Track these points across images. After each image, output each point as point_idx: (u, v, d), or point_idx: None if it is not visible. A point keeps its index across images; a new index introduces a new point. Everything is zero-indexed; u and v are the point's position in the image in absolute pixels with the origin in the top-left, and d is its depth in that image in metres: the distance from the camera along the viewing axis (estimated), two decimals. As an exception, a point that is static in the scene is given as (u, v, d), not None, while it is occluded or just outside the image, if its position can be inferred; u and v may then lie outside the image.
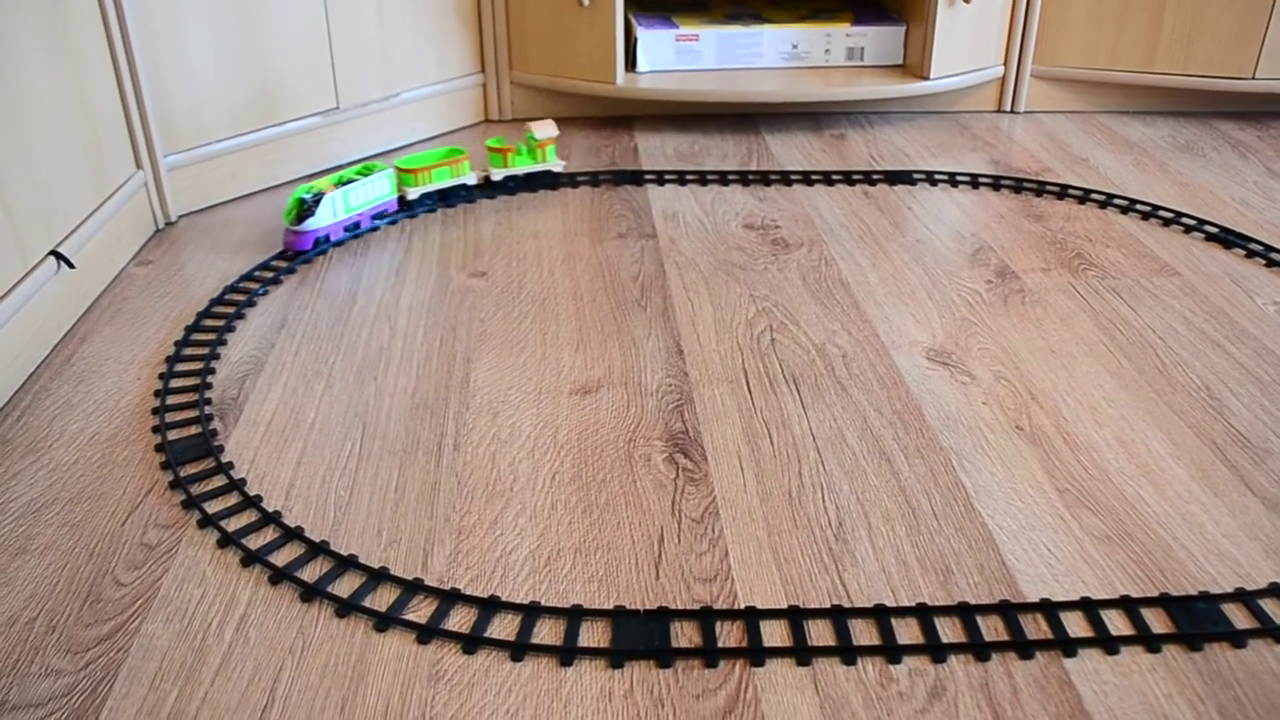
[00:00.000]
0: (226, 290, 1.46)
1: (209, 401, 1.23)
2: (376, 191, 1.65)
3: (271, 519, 1.03)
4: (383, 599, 0.94)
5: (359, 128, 1.93)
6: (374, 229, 1.66)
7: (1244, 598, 0.95)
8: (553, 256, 1.58)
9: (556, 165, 1.85)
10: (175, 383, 1.26)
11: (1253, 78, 2.14)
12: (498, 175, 1.80)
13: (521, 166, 1.82)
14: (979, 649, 0.89)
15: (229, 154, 1.75)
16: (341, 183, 1.61)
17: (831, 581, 0.96)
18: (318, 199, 1.55)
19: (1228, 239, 1.66)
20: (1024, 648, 0.89)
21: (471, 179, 1.77)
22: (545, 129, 1.81)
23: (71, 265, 1.38)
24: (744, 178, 1.86)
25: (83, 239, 1.43)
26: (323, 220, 1.56)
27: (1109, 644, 0.90)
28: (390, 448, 1.14)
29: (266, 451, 1.14)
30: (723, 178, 1.86)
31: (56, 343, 1.35)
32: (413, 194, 1.70)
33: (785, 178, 1.87)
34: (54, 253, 1.36)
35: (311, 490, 1.08)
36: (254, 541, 1.01)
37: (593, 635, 0.90)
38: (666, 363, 1.30)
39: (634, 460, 1.12)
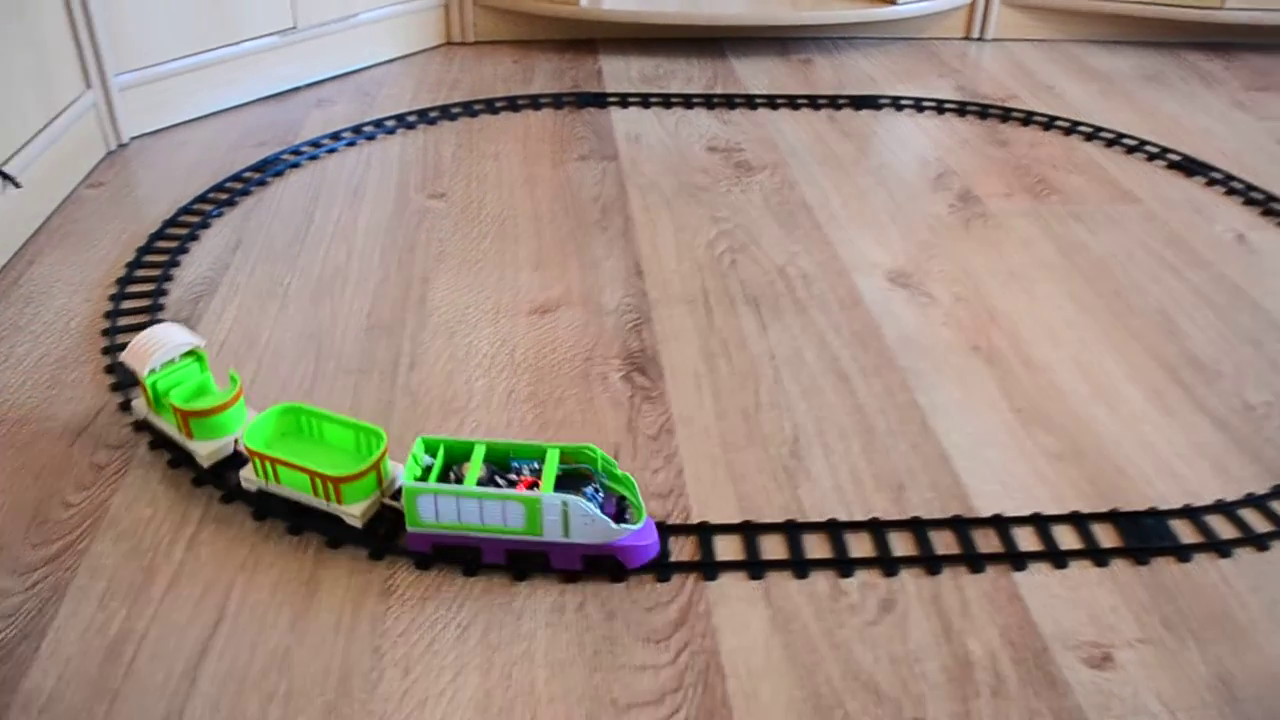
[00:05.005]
0: (180, 211, 1.44)
1: (161, 323, 1.21)
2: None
3: (224, 438, 1.02)
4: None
5: (317, 49, 1.89)
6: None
7: (1191, 514, 0.96)
8: (513, 178, 1.55)
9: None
10: (126, 304, 1.24)
11: (1221, 8, 2.12)
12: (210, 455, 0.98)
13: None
14: (930, 562, 0.90)
15: (183, 74, 1.71)
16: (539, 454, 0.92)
17: (786, 498, 0.96)
18: (604, 486, 0.91)
19: (1189, 167, 1.66)
20: (975, 561, 0.90)
21: None
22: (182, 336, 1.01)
23: (17, 185, 1.35)
24: (708, 101, 1.84)
25: (29, 158, 1.39)
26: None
27: (1058, 558, 0.91)
28: (345, 367, 1.13)
29: (220, 373, 1.12)
30: (687, 101, 1.84)
31: (3, 265, 1.32)
32: None
33: (750, 101, 1.84)
34: (-1, 171, 1.32)
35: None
36: (206, 460, 1.00)
37: (546, 550, 0.90)
38: (626, 283, 1.29)
39: (591, 378, 1.12)
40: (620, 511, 0.88)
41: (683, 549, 0.90)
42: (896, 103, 1.87)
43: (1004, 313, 1.26)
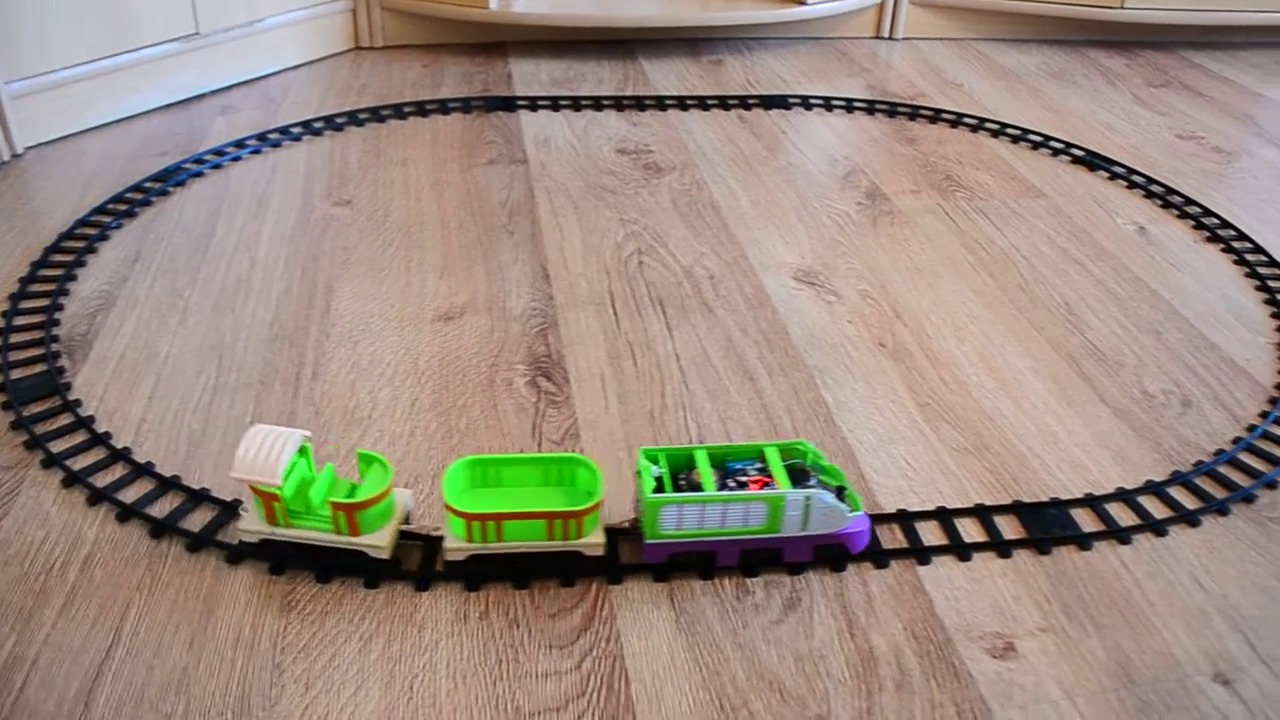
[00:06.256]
0: (77, 224, 1.40)
1: (56, 339, 1.17)
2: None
3: (120, 455, 1.00)
4: (235, 532, 0.92)
5: (220, 55, 1.86)
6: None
7: (1092, 503, 0.98)
8: (420, 183, 1.54)
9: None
10: (19, 320, 1.20)
11: (1122, 7, 2.17)
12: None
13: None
14: (834, 559, 0.90)
15: (80, 81, 1.67)
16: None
17: (692, 499, 0.96)
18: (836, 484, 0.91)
19: (1093, 162, 1.69)
20: (879, 557, 0.91)
21: None
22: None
23: (-96, 198, 1.31)
24: (618, 103, 1.84)
25: (-84, 171, 1.35)
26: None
27: (962, 551, 0.92)
28: (247, 379, 1.11)
29: (117, 388, 1.10)
30: (597, 103, 1.84)
31: (-110, 280, 1.28)
32: None
33: (660, 103, 1.85)
34: (-116, 185, 1.28)
35: (164, 425, 1.04)
36: (101, 479, 0.97)
37: (449, 560, 0.89)
38: (532, 287, 1.28)
39: (496, 385, 1.11)
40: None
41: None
42: (806, 102, 1.88)
43: (910, 309, 1.27)
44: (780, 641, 0.83)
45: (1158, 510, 0.98)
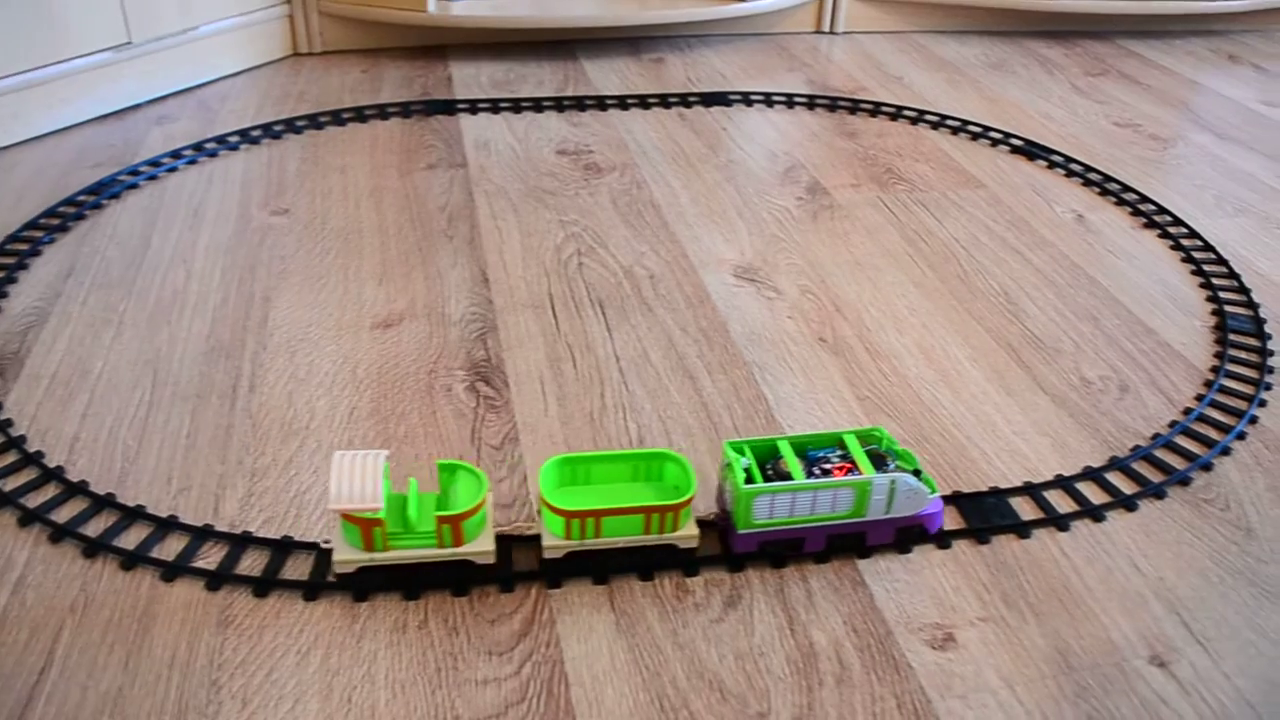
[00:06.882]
0: (8, 239, 1.38)
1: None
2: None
3: (53, 475, 0.98)
4: (171, 548, 0.90)
5: (155, 64, 1.83)
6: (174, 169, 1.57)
7: (1031, 491, 0.99)
8: (359, 190, 1.52)
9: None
10: (-51, 338, 1.18)
11: (1059, -6, 2.20)
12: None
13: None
14: (774, 555, 0.90)
15: (9, 93, 1.64)
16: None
17: (632, 500, 0.96)
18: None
19: (1032, 151, 1.71)
20: (819, 553, 0.91)
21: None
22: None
23: None
24: (559, 104, 1.83)
25: None
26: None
27: (901, 543, 0.92)
28: (183, 393, 1.09)
29: (50, 406, 1.08)
30: (537, 104, 1.83)
31: None
32: None
33: (601, 102, 1.84)
34: None
35: (98, 443, 1.03)
36: (33, 500, 0.96)
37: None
38: (471, 292, 1.28)
39: (434, 391, 1.10)
40: None
41: (527, 558, 0.89)
42: (747, 98, 1.88)
43: (849, 302, 1.27)
44: (720, 640, 0.83)
45: (1096, 496, 0.99)
